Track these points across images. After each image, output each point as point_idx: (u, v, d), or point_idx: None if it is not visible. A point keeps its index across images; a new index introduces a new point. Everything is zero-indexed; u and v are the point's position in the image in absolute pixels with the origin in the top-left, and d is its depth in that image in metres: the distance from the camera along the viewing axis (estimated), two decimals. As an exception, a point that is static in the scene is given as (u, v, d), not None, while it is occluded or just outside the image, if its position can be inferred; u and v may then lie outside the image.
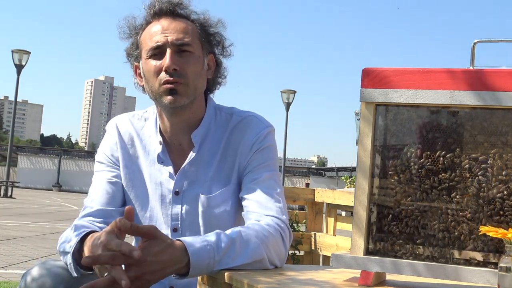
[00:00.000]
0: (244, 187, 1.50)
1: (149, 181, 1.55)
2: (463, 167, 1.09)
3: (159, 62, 1.47)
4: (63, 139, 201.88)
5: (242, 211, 1.49)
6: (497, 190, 1.07)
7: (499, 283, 0.95)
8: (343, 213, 6.41)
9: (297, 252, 2.92)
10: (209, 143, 1.54)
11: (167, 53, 1.46)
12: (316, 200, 2.93)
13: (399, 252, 1.13)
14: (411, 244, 1.12)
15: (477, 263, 1.08)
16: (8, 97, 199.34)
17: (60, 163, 38.66)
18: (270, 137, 1.54)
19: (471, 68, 1.11)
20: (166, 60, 1.45)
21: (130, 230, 1.16)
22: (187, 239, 1.22)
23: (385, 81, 1.14)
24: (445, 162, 1.10)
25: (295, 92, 25.33)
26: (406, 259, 1.12)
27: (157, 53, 1.47)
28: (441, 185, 1.10)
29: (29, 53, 21.62)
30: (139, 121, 1.62)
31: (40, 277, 1.30)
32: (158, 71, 1.47)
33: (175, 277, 1.22)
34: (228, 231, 1.30)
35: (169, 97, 1.46)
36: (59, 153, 40.61)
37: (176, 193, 1.53)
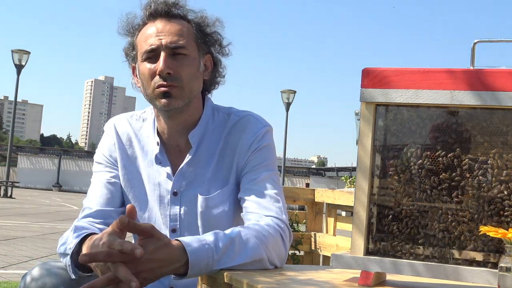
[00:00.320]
0: (242, 188, 1.49)
1: (147, 181, 1.55)
2: (463, 167, 1.09)
3: (153, 65, 1.46)
4: (63, 139, 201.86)
5: (240, 212, 1.49)
6: (497, 190, 1.07)
7: (499, 283, 0.95)
8: (343, 213, 6.41)
9: (297, 252, 2.92)
10: (206, 143, 1.53)
11: (161, 56, 1.45)
12: (316, 200, 2.93)
13: (399, 252, 1.13)
14: (411, 244, 1.12)
15: (477, 263, 1.08)
16: (8, 97, 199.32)
17: (60, 163, 38.66)
18: (268, 137, 1.53)
19: (471, 68, 1.11)
20: (159, 64, 1.45)
21: (128, 226, 1.15)
22: (185, 239, 1.22)
23: (385, 81, 1.14)
24: (445, 162, 1.10)
25: (295, 92, 25.32)
26: (406, 259, 1.12)
27: (152, 56, 1.47)
28: (441, 185, 1.10)
29: (29, 53, 21.62)
30: (137, 121, 1.61)
31: (40, 278, 1.30)
32: (152, 75, 1.46)
33: (175, 278, 1.22)
34: (227, 231, 1.30)
35: (163, 100, 1.45)
36: (59, 153, 40.61)
37: (174, 193, 1.53)
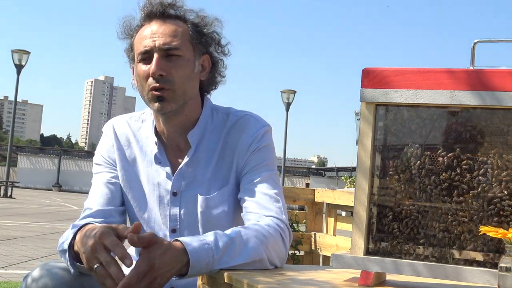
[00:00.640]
0: (242, 188, 1.49)
1: (146, 182, 1.55)
2: (463, 167, 1.09)
3: (147, 66, 1.47)
4: (63, 139, 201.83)
5: (240, 212, 1.49)
6: (497, 190, 1.07)
7: (499, 283, 0.95)
8: (343, 213, 6.41)
9: (297, 252, 2.92)
10: (206, 143, 1.53)
11: (154, 58, 1.45)
12: (316, 200, 2.93)
13: (399, 252, 1.13)
14: (411, 244, 1.12)
15: (477, 263, 1.08)
16: (8, 97, 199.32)
17: (60, 163, 38.66)
18: (267, 137, 1.53)
19: (471, 68, 1.11)
20: (152, 65, 1.45)
21: (136, 243, 1.16)
22: (185, 239, 1.22)
23: (385, 81, 1.14)
24: (445, 162, 1.10)
25: (295, 92, 25.32)
26: (406, 259, 1.12)
27: (146, 57, 1.47)
28: (441, 185, 1.10)
29: (29, 53, 21.62)
30: (136, 122, 1.61)
31: (41, 278, 1.30)
32: (146, 76, 1.47)
33: (176, 278, 1.22)
34: (227, 231, 1.30)
35: (156, 104, 1.46)
36: (59, 153, 40.60)
37: (174, 194, 1.53)
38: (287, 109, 25.18)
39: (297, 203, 3.02)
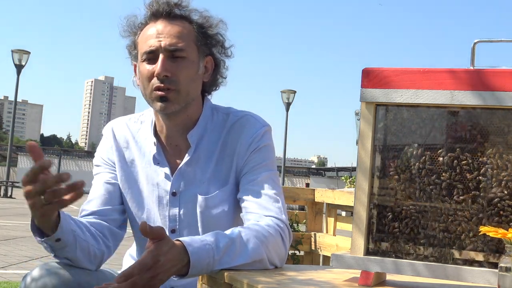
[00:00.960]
0: (242, 188, 1.49)
1: (145, 182, 1.55)
2: (463, 167, 1.09)
3: (152, 66, 1.46)
4: (63, 139, 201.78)
5: (240, 212, 1.49)
6: (497, 190, 1.07)
7: (499, 283, 0.95)
8: (343, 213, 6.41)
9: (297, 252, 2.92)
10: (206, 143, 1.53)
11: (159, 58, 1.45)
12: (316, 200, 2.93)
13: (399, 252, 1.13)
14: (411, 244, 1.12)
15: (477, 263, 1.08)
16: (8, 97, 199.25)
17: (60, 163, 38.66)
18: (267, 137, 1.53)
19: (471, 68, 1.11)
20: (157, 66, 1.45)
21: (148, 233, 1.15)
22: (186, 239, 1.22)
23: (385, 81, 1.14)
24: (445, 162, 1.10)
25: (295, 92, 25.32)
26: (406, 259, 1.12)
27: (151, 57, 1.47)
28: (441, 185, 1.10)
29: (29, 53, 21.61)
30: (135, 124, 1.61)
31: (40, 278, 1.30)
32: (150, 76, 1.46)
33: (176, 278, 1.22)
34: (227, 231, 1.30)
35: (159, 104, 1.46)
36: (59, 153, 40.62)
37: (173, 194, 1.52)
38: (287, 109, 25.18)
39: (297, 203, 3.03)
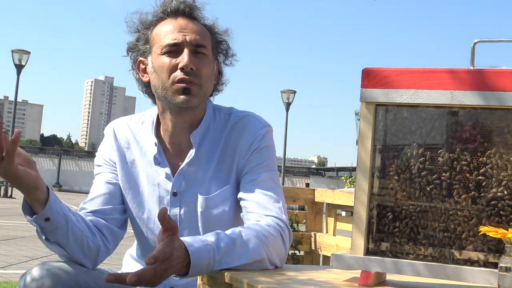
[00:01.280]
0: (242, 188, 1.49)
1: (146, 182, 1.55)
2: (463, 167, 1.09)
3: (174, 59, 1.47)
4: (63, 139, 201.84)
5: (241, 212, 1.49)
6: (497, 190, 1.07)
7: (499, 283, 0.95)
8: (343, 213, 6.41)
9: (297, 252, 2.92)
10: (207, 143, 1.54)
11: (185, 51, 1.47)
12: (316, 200, 2.93)
13: (399, 252, 1.13)
14: (411, 244, 1.12)
15: (477, 263, 1.08)
16: (8, 97, 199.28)
17: (60, 163, 38.64)
18: (268, 137, 1.54)
19: (471, 68, 1.11)
20: (184, 58, 1.46)
21: (166, 221, 1.15)
22: (187, 239, 1.22)
23: (385, 81, 1.14)
24: (445, 162, 1.10)
25: (295, 92, 25.31)
26: (406, 259, 1.12)
27: (173, 50, 1.48)
28: (441, 185, 1.10)
29: (29, 53, 21.59)
30: (136, 124, 1.62)
31: (39, 278, 1.30)
32: (172, 68, 1.47)
33: (175, 277, 1.22)
34: (228, 231, 1.30)
35: (182, 97, 1.46)
36: (59, 153, 40.59)
37: (174, 194, 1.53)
38: (287, 109, 25.17)
39: (297, 203, 3.03)
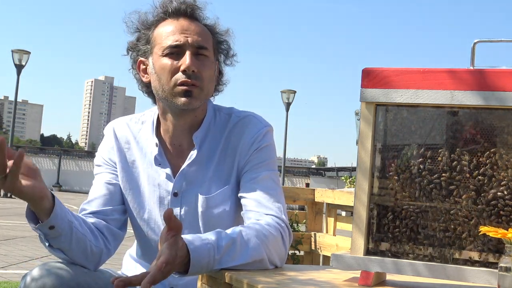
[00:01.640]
0: (243, 186, 1.49)
1: (146, 183, 1.55)
2: (463, 167, 1.09)
3: (175, 61, 1.47)
4: (63, 139, 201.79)
5: (241, 211, 1.49)
6: (497, 190, 1.07)
7: (499, 283, 0.95)
8: (343, 213, 6.41)
9: (297, 252, 2.92)
10: (208, 143, 1.54)
11: (187, 54, 1.46)
12: (316, 200, 2.94)
13: (399, 252, 1.13)
14: (411, 244, 1.12)
15: (477, 263, 1.08)
16: (8, 97, 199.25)
17: (60, 163, 38.63)
18: (268, 136, 1.54)
19: (471, 68, 1.11)
20: (186, 60, 1.45)
21: (172, 221, 1.15)
22: (187, 237, 1.22)
23: (385, 81, 1.14)
24: (445, 162, 1.10)
25: (295, 92, 25.31)
26: (406, 259, 1.12)
27: (175, 52, 1.47)
28: (441, 185, 1.10)
29: (29, 53, 21.60)
30: (136, 124, 1.61)
31: (40, 278, 1.30)
32: (174, 71, 1.47)
33: (176, 275, 1.22)
34: (228, 231, 1.30)
35: (183, 99, 1.46)
36: (59, 153, 40.56)
37: (174, 194, 1.53)
38: (287, 109, 25.17)
39: (297, 203, 3.03)
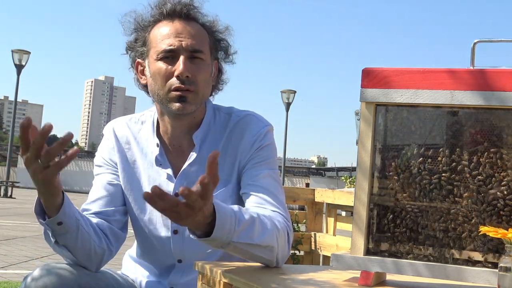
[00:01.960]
0: (244, 184, 1.49)
1: (147, 183, 1.55)
2: (463, 167, 1.09)
3: (169, 66, 1.46)
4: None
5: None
6: (497, 190, 1.07)
7: (499, 283, 0.95)
8: (343, 213, 6.42)
9: (297, 252, 2.92)
10: (209, 143, 1.53)
11: (181, 59, 1.45)
12: (316, 200, 2.94)
13: (399, 252, 1.13)
14: (411, 244, 1.13)
15: (477, 263, 1.08)
16: (8, 97, 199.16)
17: (60, 163, 38.60)
18: (269, 136, 1.54)
19: (471, 68, 1.12)
20: (179, 66, 1.44)
21: (213, 163, 1.08)
22: (216, 200, 1.18)
23: (385, 81, 1.14)
24: (445, 162, 1.10)
25: (295, 92, 25.31)
26: (406, 259, 1.12)
27: (169, 56, 1.46)
28: (441, 185, 1.10)
29: (29, 53, 21.60)
30: (136, 124, 1.61)
31: (41, 278, 1.30)
32: (168, 76, 1.46)
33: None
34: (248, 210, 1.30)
35: (177, 104, 1.45)
36: (59, 153, 40.54)
37: (175, 195, 1.52)
38: (287, 109, 25.17)
39: (297, 203, 3.03)
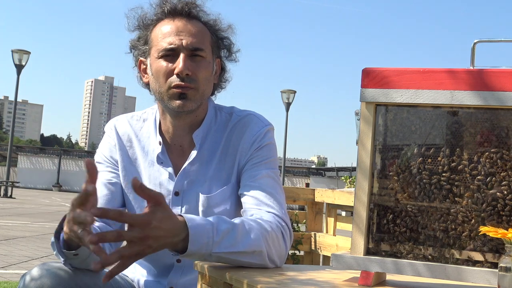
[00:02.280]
0: (243, 184, 1.49)
1: (148, 182, 1.55)
2: (463, 167, 1.09)
3: (170, 64, 1.46)
4: (63, 139, 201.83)
5: (241, 209, 1.49)
6: (497, 190, 1.07)
7: (499, 283, 0.95)
8: (343, 213, 6.42)
9: (297, 252, 2.92)
10: (209, 142, 1.54)
11: (181, 57, 1.46)
12: (316, 200, 2.94)
13: (399, 252, 1.13)
14: (411, 244, 1.13)
15: (477, 263, 1.08)
16: (8, 97, 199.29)
17: (60, 163, 38.63)
18: (269, 135, 1.54)
19: (471, 68, 1.12)
20: (179, 64, 1.45)
21: (139, 189, 1.08)
22: (188, 215, 1.20)
23: (385, 81, 1.14)
24: (445, 162, 1.10)
25: (295, 92, 25.32)
26: (406, 259, 1.12)
27: (170, 54, 1.47)
28: (441, 185, 1.10)
29: (29, 53, 21.60)
30: (137, 122, 1.61)
31: (39, 278, 1.30)
32: (168, 73, 1.46)
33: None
34: (230, 219, 1.29)
35: (178, 102, 1.46)
36: (59, 153, 40.56)
37: (176, 193, 1.53)
38: (287, 109, 25.17)
39: (297, 203, 3.03)
